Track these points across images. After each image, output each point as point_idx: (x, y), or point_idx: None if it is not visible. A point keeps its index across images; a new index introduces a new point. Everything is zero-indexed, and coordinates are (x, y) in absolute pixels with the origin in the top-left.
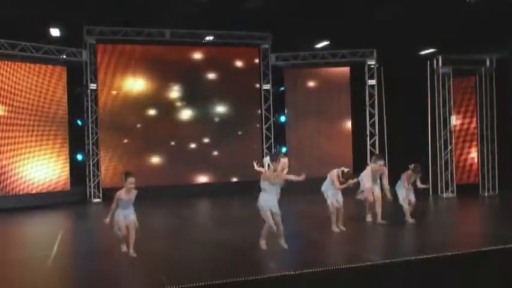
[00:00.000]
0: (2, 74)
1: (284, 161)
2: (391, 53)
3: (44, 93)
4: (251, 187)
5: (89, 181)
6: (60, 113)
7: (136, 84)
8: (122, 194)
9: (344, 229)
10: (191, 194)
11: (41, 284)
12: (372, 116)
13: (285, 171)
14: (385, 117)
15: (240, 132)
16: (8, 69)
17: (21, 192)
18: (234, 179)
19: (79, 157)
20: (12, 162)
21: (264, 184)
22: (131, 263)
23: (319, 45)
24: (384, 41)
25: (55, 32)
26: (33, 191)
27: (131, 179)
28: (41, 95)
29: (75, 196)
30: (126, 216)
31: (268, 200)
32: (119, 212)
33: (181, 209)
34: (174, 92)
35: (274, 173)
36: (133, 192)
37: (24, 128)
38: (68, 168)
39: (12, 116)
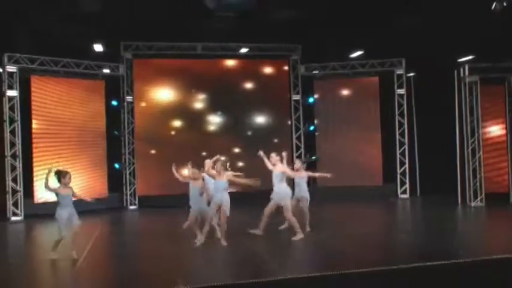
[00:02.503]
0: (46, 89)
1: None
2: (420, 62)
3: (84, 106)
4: None
5: (126, 189)
6: (99, 124)
7: (169, 96)
8: (59, 188)
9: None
10: None
11: (67, 281)
12: (401, 125)
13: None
14: (415, 126)
15: (275, 140)
16: (52, 84)
17: None
18: (264, 187)
19: (116, 166)
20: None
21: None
22: (152, 264)
23: (353, 55)
24: (413, 50)
25: (98, 47)
26: (74, 198)
27: (68, 175)
28: (81, 108)
29: (113, 203)
30: (69, 217)
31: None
32: (61, 210)
33: None
34: (205, 103)
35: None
36: (71, 188)
37: (66, 139)
38: (106, 177)
39: (55, 128)
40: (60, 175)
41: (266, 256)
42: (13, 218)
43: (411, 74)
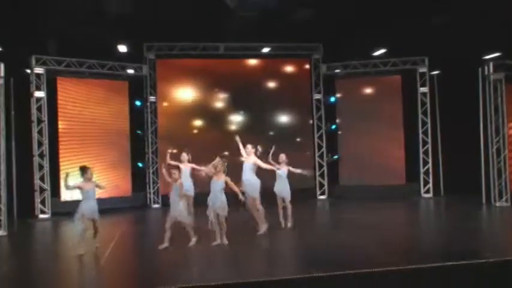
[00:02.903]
0: (72, 90)
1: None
2: (444, 59)
3: (108, 106)
4: (304, 195)
5: (149, 188)
6: (123, 124)
7: (192, 96)
8: (82, 183)
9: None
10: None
11: (92, 275)
12: (424, 123)
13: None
14: (438, 125)
15: (298, 139)
16: (77, 85)
17: None
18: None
19: (140, 165)
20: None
21: None
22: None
23: (376, 54)
24: (437, 48)
25: (122, 48)
26: (98, 196)
27: (89, 170)
28: (105, 108)
29: (136, 201)
30: (90, 210)
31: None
32: (83, 203)
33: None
34: (228, 103)
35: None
36: (93, 183)
37: (91, 139)
38: (129, 176)
39: (80, 128)
40: (83, 171)
41: (284, 255)
42: (41, 216)
43: (435, 72)
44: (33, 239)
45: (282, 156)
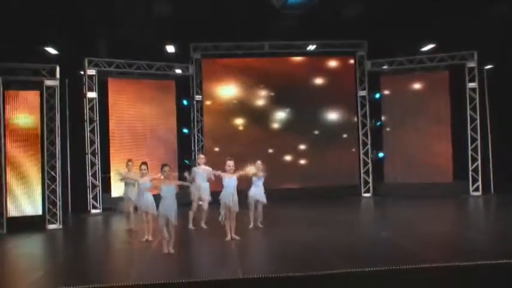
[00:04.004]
0: (121, 90)
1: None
2: (496, 54)
3: (156, 105)
4: (348, 192)
5: None
6: (170, 122)
7: (237, 94)
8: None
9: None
10: (285, 198)
11: (142, 263)
12: (473, 120)
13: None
14: (488, 121)
15: (344, 136)
16: (126, 85)
17: None
18: (330, 184)
19: (186, 162)
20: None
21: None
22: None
23: (424, 49)
24: (487, 42)
25: (170, 48)
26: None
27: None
28: (153, 107)
29: (183, 198)
30: (144, 202)
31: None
32: (139, 197)
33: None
34: (273, 100)
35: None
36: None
37: (140, 137)
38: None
39: (129, 127)
40: (139, 166)
41: (329, 251)
42: (93, 211)
43: (487, 67)
44: (86, 232)
45: (258, 163)
